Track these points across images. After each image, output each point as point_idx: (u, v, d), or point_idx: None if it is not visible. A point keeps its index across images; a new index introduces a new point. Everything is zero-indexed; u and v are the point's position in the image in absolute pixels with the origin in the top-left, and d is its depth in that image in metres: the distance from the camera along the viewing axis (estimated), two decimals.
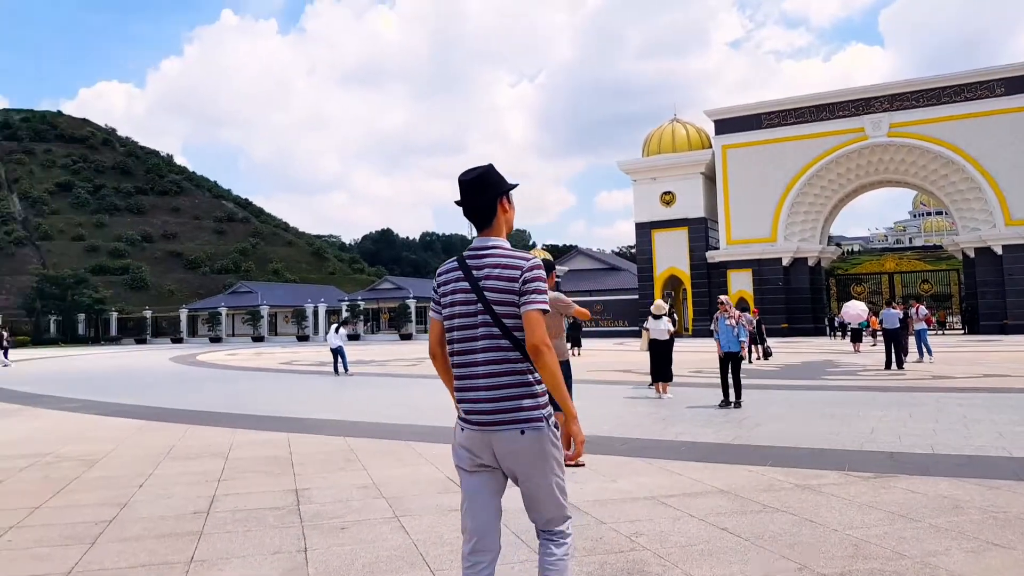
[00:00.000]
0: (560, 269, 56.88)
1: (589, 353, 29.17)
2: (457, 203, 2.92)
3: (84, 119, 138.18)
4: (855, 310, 28.08)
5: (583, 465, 6.91)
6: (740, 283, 46.81)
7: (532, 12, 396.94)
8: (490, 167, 2.93)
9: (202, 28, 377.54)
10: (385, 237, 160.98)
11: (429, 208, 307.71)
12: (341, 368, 19.99)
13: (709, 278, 47.66)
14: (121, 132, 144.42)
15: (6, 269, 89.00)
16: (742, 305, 40.09)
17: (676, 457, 7.31)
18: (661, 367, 13.27)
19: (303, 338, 68.19)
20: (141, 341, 73.41)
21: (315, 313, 70.00)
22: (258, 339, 69.40)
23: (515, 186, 2.96)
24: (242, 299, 75.73)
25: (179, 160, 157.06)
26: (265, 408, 12.70)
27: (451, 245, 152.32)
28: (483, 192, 2.86)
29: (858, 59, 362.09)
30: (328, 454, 7.99)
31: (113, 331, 76.80)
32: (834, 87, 46.79)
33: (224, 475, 6.97)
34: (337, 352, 20.00)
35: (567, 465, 2.93)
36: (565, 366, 7.25)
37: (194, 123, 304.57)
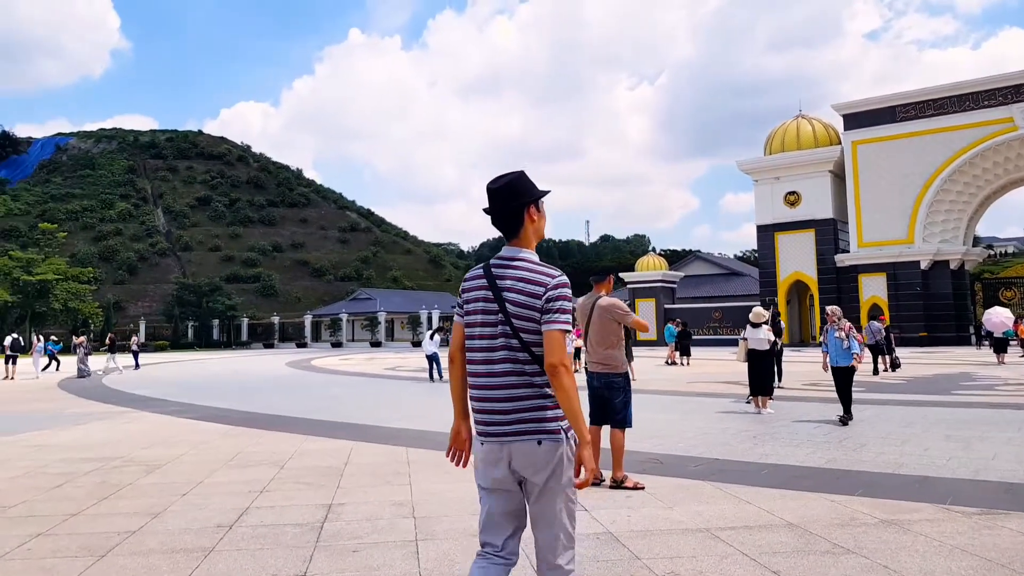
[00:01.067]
0: (675, 275, 55.24)
1: (700, 363, 27.93)
2: (485, 211, 2.88)
3: (222, 137, 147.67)
4: (999, 317, 25.46)
5: (642, 488, 6.27)
6: (873, 288, 43.77)
7: (652, 13, 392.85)
8: (520, 174, 2.86)
9: (331, 48, 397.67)
10: (501, 244, 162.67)
11: (547, 214, 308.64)
12: (436, 375, 19.90)
13: (838, 283, 44.84)
14: (255, 149, 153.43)
15: (150, 278, 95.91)
16: (874, 312, 37.57)
17: (752, 482, 6.52)
18: (760, 379, 12.28)
19: (417, 344, 69.44)
20: (269, 345, 77.07)
21: (429, 319, 71.21)
22: (375, 344, 71.35)
23: (545, 194, 2.88)
24: (362, 305, 78.24)
25: (308, 174, 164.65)
26: (349, 414, 12.64)
27: (568, 251, 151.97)
28: (510, 201, 2.80)
29: (1012, 45, 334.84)
30: (381, 465, 7.69)
31: (244, 336, 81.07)
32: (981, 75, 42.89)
33: (269, 486, 6.78)
34: (432, 359, 19.94)
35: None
36: (626, 378, 6.61)
37: (323, 138, 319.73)
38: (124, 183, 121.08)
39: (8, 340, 26.47)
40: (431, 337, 20.44)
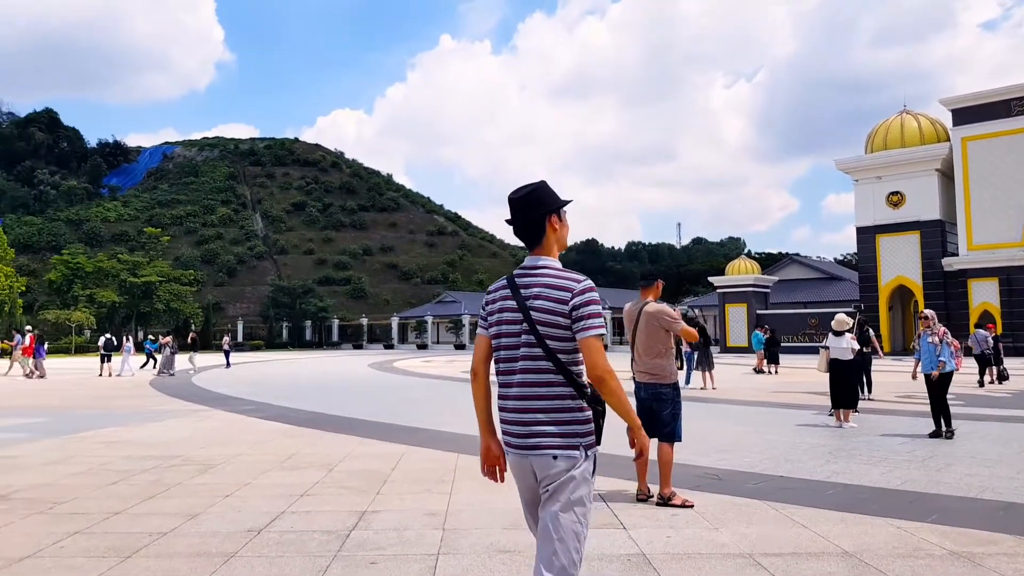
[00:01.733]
0: (768, 279, 53.36)
1: (790, 372, 26.73)
2: (508, 222, 2.88)
3: (317, 144, 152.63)
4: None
5: (690, 506, 5.89)
6: (984, 294, 41.05)
7: (750, 8, 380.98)
8: (541, 184, 2.87)
9: (423, 54, 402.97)
10: (590, 247, 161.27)
11: (636, 217, 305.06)
12: None
13: (945, 288, 42.22)
14: (348, 155, 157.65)
15: (248, 280, 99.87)
16: (984, 319, 35.15)
17: (813, 503, 6.03)
18: (842, 391, 11.55)
19: None
20: (358, 346, 78.88)
21: None
22: (460, 347, 71.88)
23: (566, 203, 2.87)
24: (447, 308, 79.10)
25: (398, 179, 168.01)
26: (413, 418, 12.60)
27: (657, 255, 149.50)
28: (531, 210, 2.80)
29: None
30: (427, 471, 7.55)
31: (335, 337, 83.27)
32: None
33: (312, 490, 6.73)
34: None
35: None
36: (675, 389, 6.23)
37: (414, 143, 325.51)
38: (225, 189, 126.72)
39: (102, 340, 27.88)
40: None
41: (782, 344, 30.71)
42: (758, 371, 26.40)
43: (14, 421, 12.48)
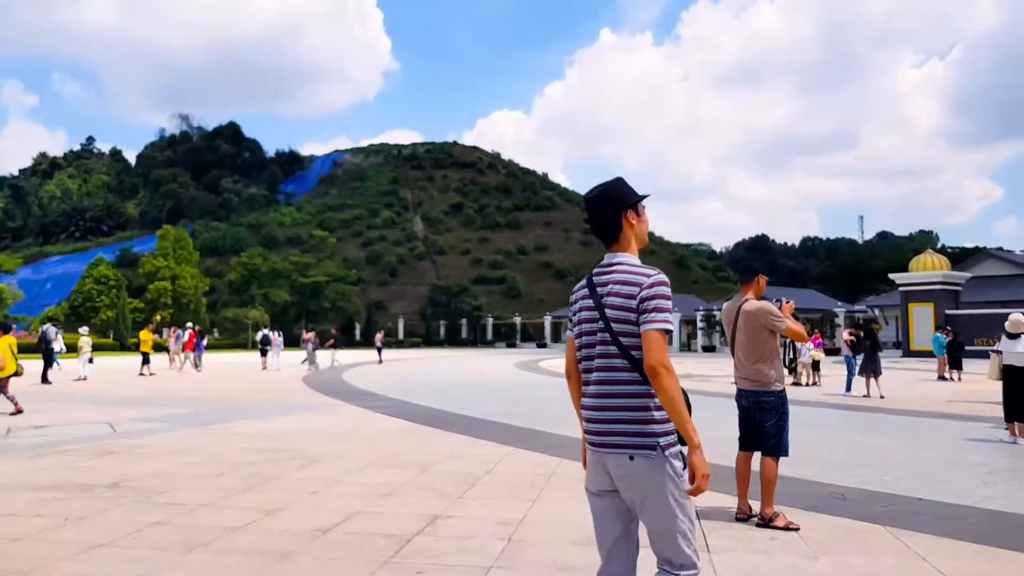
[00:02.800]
0: (960, 276, 48.40)
1: (974, 379, 23.91)
2: (585, 221, 2.93)
3: (474, 146, 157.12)
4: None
5: (795, 529, 5.20)
6: None
7: None
8: (616, 181, 2.85)
9: (582, 51, 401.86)
10: (760, 243, 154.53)
11: (812, 211, 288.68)
12: None
13: None
14: (506, 156, 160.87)
15: (409, 280, 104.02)
16: None
17: (947, 532, 5.14)
18: (1017, 402, 10.11)
19: None
20: (512, 345, 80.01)
21: None
22: None
23: (643, 198, 2.83)
24: None
25: (555, 177, 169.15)
26: (532, 420, 12.33)
27: (836, 250, 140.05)
28: (607, 207, 2.79)
29: None
30: (522, 476, 7.23)
31: (489, 335, 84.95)
32: None
33: (397, 490, 6.60)
34: None
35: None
36: (780, 397, 5.52)
37: (573, 141, 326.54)
38: (388, 193, 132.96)
39: (259, 336, 29.77)
40: None
41: (972, 348, 27.71)
42: (941, 378, 23.97)
43: (165, 411, 13.41)
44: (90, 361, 22.32)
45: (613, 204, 2.78)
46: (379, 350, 35.11)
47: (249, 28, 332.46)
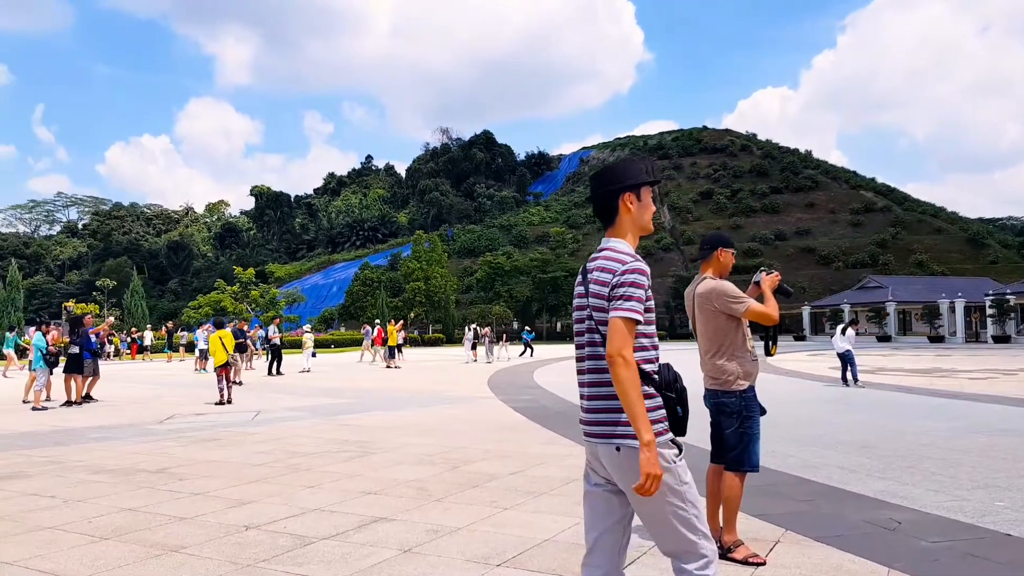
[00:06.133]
0: None
1: None
2: (587, 200, 2.79)
3: (726, 129, 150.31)
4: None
5: (760, 563, 4.05)
6: None
7: None
8: (628, 159, 2.73)
9: (854, 15, 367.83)
10: None
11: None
12: (850, 377, 16.65)
13: None
14: (770, 136, 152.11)
15: (655, 272, 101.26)
16: None
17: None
18: None
19: (936, 339, 60.03)
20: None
21: (951, 309, 60.88)
22: (884, 339, 64.03)
23: (649, 183, 2.64)
24: (868, 295, 71.15)
25: (829, 155, 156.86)
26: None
27: None
28: (603, 186, 2.66)
29: None
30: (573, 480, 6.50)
31: None
32: None
33: (435, 493, 6.11)
34: (845, 358, 16.71)
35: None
36: (743, 398, 4.27)
37: (847, 113, 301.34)
38: None
39: (468, 333, 31.40)
40: (842, 332, 17.12)
41: None
42: None
43: (322, 401, 14.22)
44: (313, 355, 24.59)
45: (610, 182, 2.63)
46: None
47: (505, 40, 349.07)
